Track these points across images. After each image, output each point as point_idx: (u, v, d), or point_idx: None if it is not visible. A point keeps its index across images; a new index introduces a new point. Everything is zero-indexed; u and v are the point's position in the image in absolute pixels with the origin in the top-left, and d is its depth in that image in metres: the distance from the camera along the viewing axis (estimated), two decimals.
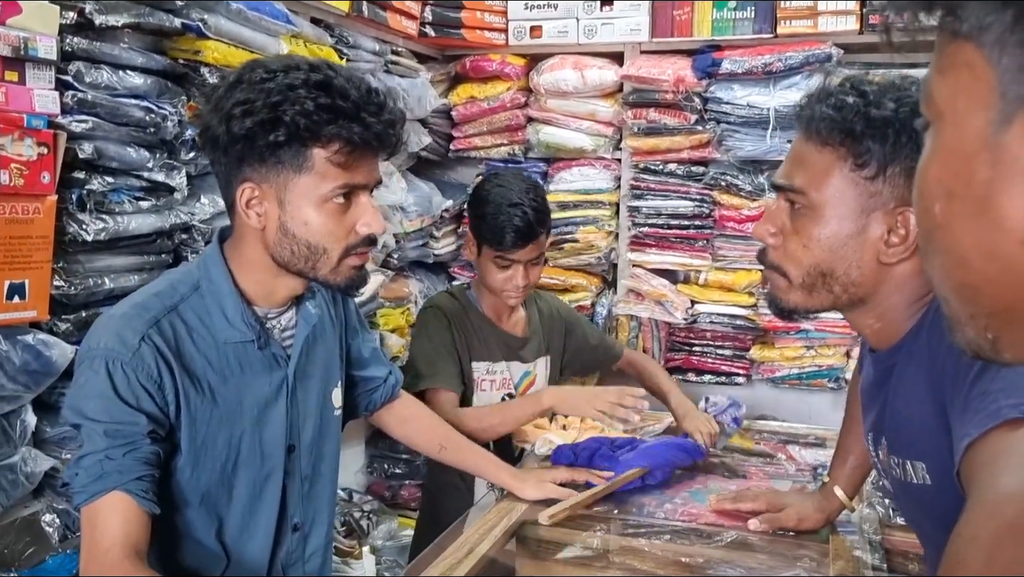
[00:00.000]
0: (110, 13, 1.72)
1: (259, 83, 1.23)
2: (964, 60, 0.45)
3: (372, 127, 1.25)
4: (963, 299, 0.49)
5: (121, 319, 1.28)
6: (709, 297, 3.14)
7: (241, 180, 1.28)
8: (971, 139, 0.45)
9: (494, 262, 2.12)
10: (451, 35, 3.25)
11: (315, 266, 1.32)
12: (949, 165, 0.47)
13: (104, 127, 1.73)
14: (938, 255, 0.49)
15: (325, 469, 1.55)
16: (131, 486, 1.22)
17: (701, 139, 3.06)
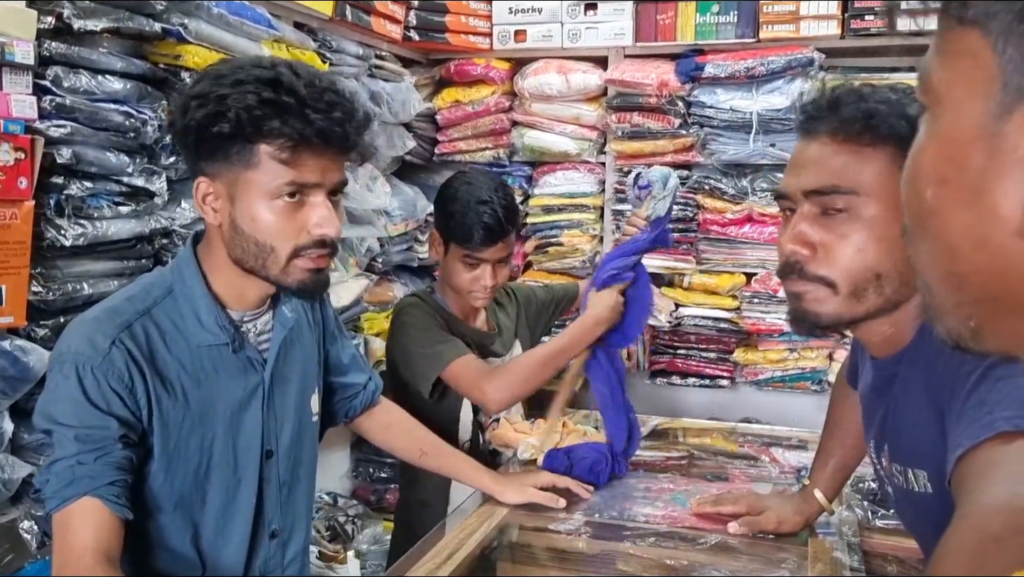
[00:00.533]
0: (88, 17, 1.71)
1: (216, 77, 1.23)
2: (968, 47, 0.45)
3: (316, 123, 1.22)
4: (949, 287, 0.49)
5: (92, 323, 1.27)
6: (693, 300, 3.15)
7: (198, 174, 1.28)
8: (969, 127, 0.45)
9: (462, 261, 2.06)
10: (435, 39, 3.26)
11: (264, 265, 1.30)
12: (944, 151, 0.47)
13: (83, 132, 1.72)
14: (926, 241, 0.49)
15: (303, 475, 1.54)
16: (103, 491, 1.20)
17: (684, 143, 3.07)
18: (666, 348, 3.24)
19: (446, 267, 2.12)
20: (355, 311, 2.83)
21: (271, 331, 1.44)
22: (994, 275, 0.45)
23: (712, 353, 3.19)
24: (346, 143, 1.29)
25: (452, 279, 2.11)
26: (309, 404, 1.55)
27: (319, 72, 1.29)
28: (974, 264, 0.46)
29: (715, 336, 3.18)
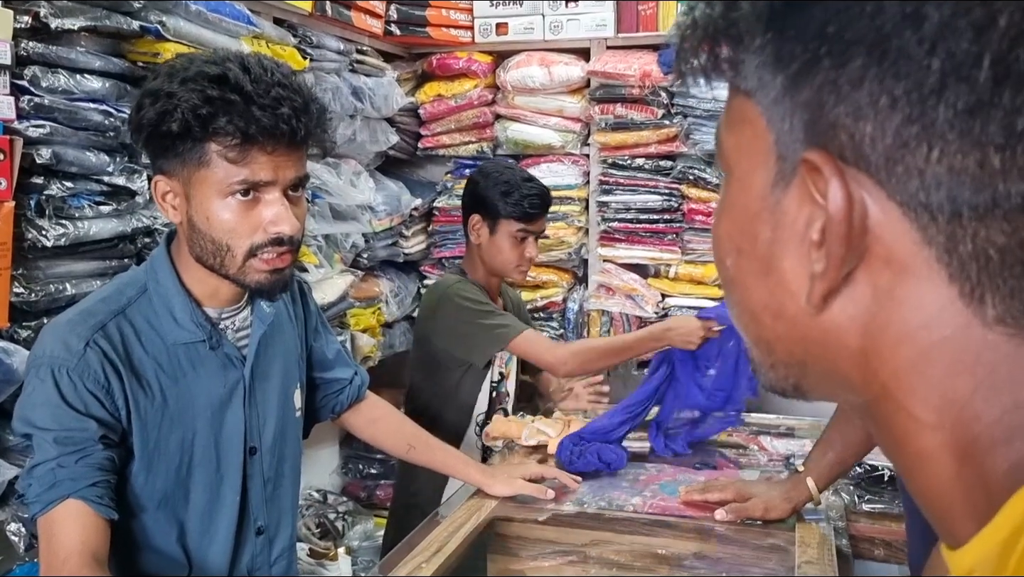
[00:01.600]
0: (65, 16, 1.70)
1: (169, 74, 1.22)
2: (747, 116, 0.44)
3: (260, 120, 1.20)
4: (761, 351, 0.48)
5: (66, 326, 1.27)
6: (679, 290, 3.16)
7: (155, 172, 1.28)
8: (754, 198, 0.44)
9: (512, 237, 2.27)
10: (417, 33, 3.25)
11: (223, 264, 1.29)
12: (736, 222, 0.46)
13: (62, 132, 1.71)
14: (735, 307, 0.49)
15: (287, 471, 1.54)
16: (86, 493, 1.20)
17: (668, 133, 3.07)
18: None
19: (492, 247, 2.31)
20: (341, 307, 2.83)
21: (250, 327, 1.44)
22: (796, 343, 0.45)
23: None
24: (296, 138, 1.26)
25: (499, 257, 2.30)
26: (292, 400, 1.54)
27: (274, 65, 1.27)
28: (776, 333, 0.46)
29: None
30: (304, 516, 3.02)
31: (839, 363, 0.43)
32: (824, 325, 0.43)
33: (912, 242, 0.39)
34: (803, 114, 0.41)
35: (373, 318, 3.07)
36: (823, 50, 0.39)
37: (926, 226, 0.38)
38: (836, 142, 0.39)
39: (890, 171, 0.38)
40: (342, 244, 2.87)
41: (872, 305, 0.41)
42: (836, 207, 0.39)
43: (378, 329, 3.12)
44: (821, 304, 0.42)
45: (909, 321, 0.40)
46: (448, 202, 3.37)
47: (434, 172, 3.56)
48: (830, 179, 0.39)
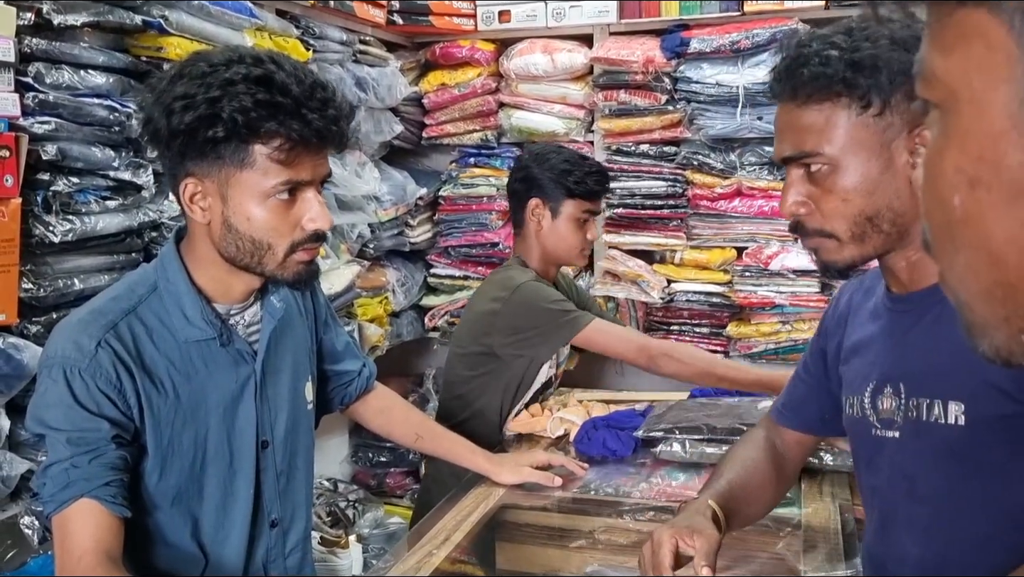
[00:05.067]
0: (68, 12, 1.71)
1: (200, 77, 1.21)
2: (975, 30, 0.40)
3: (313, 123, 1.23)
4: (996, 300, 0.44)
5: (77, 325, 1.27)
6: (685, 276, 3.16)
7: (184, 175, 1.27)
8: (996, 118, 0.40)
9: (576, 220, 2.23)
10: (419, 22, 3.24)
11: (261, 261, 1.31)
12: (970, 150, 0.42)
13: (67, 127, 1.72)
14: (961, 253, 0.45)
15: (300, 463, 1.55)
16: (99, 492, 1.21)
17: (672, 119, 3.06)
18: (659, 324, 3.25)
19: (555, 234, 2.25)
20: (348, 297, 2.84)
21: (260, 322, 1.45)
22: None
23: (705, 328, 3.20)
24: (343, 141, 1.30)
25: (563, 242, 2.25)
26: (303, 393, 1.55)
27: (300, 64, 1.29)
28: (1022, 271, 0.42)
29: (708, 311, 3.19)
30: (315, 505, 3.04)
31: None
32: None
33: None
34: None
35: (380, 308, 3.09)
36: None
37: None
38: None
39: None
40: (348, 234, 2.88)
41: None
42: None
43: (385, 319, 3.13)
44: None
45: None
46: (453, 191, 3.37)
47: (439, 161, 3.56)
48: None
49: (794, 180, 1.13)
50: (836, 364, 1.32)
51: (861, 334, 1.25)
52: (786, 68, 1.11)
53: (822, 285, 3.01)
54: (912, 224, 1.09)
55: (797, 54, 1.10)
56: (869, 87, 1.05)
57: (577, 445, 2.06)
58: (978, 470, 1.03)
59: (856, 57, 1.06)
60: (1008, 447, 1.00)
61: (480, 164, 3.35)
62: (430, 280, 3.46)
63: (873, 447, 1.18)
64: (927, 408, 1.08)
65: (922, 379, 1.10)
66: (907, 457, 1.12)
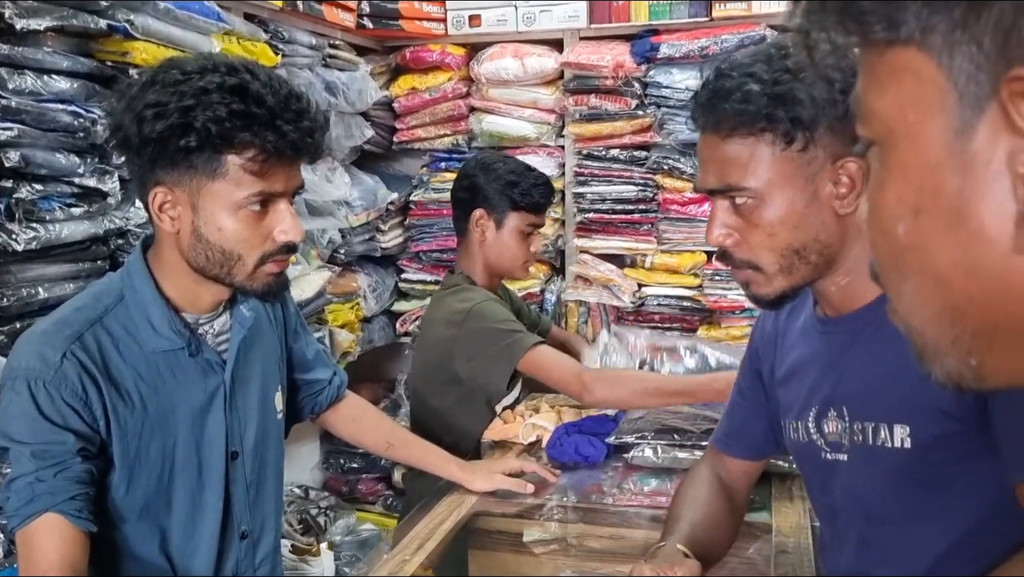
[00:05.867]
0: (31, 17, 1.68)
1: (172, 85, 1.19)
2: (907, 67, 0.42)
3: (288, 135, 1.21)
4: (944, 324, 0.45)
5: (41, 337, 1.25)
6: (656, 280, 3.17)
7: (154, 183, 1.25)
8: (931, 149, 0.42)
9: (521, 232, 2.16)
10: (389, 26, 3.23)
11: (230, 272, 1.29)
12: (911, 181, 0.44)
13: (31, 134, 1.69)
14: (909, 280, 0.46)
15: (270, 474, 1.53)
16: (64, 507, 1.20)
17: (642, 124, 3.07)
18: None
19: (499, 245, 2.18)
20: (319, 303, 2.82)
21: (229, 331, 1.43)
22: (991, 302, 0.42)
23: (676, 332, 3.21)
24: (317, 153, 1.29)
25: (506, 254, 2.18)
26: (273, 402, 1.54)
27: (275, 73, 1.27)
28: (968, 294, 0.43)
29: (678, 315, 3.20)
30: (286, 512, 3.02)
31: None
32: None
33: None
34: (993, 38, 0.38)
35: (351, 313, 3.07)
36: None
37: None
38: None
39: None
40: (319, 240, 2.86)
41: None
42: None
43: (356, 324, 3.11)
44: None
45: None
46: (424, 196, 3.36)
47: (410, 166, 3.55)
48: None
49: (719, 211, 1.12)
50: (772, 386, 1.31)
51: (795, 356, 1.24)
52: (707, 101, 1.09)
53: None
54: (839, 252, 1.09)
55: (718, 87, 1.08)
56: (792, 122, 1.04)
57: (549, 451, 2.06)
58: (930, 489, 1.04)
59: (778, 91, 1.04)
60: (956, 464, 1.01)
61: (451, 169, 3.34)
62: (401, 285, 3.45)
63: (825, 470, 1.18)
64: (873, 432, 1.08)
65: (864, 402, 1.11)
66: (859, 481, 1.13)
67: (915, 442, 1.03)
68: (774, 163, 1.06)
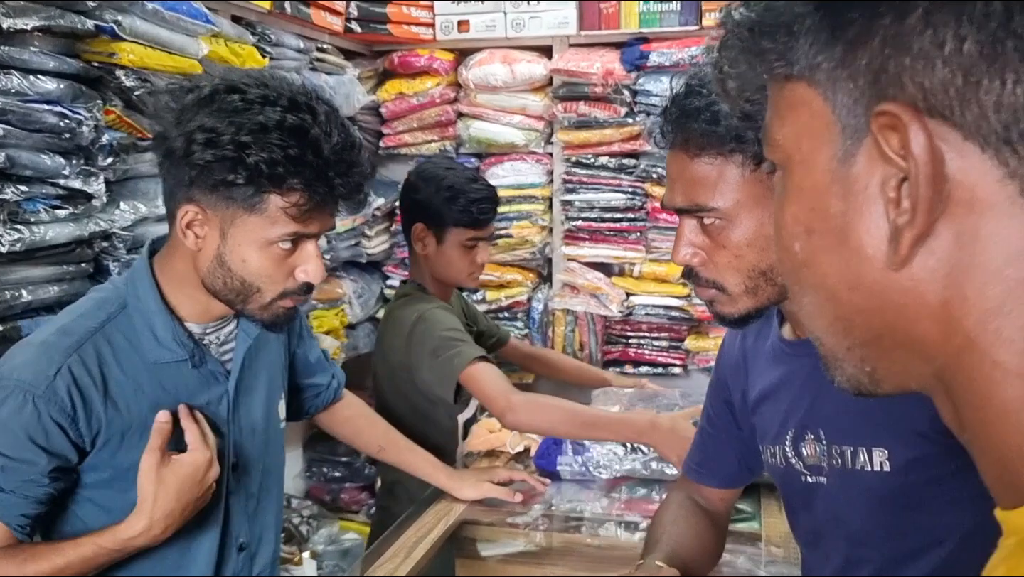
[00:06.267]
0: (18, 16, 1.65)
1: (231, 113, 1.16)
2: (800, 100, 0.47)
3: (337, 189, 1.20)
4: (837, 333, 0.49)
5: (40, 347, 1.23)
6: (644, 289, 3.16)
7: (186, 199, 1.22)
8: (820, 175, 0.46)
9: (462, 246, 2.10)
10: (377, 31, 3.22)
11: (245, 301, 1.27)
12: (804, 203, 0.48)
13: (16, 134, 1.66)
14: (807, 293, 0.50)
15: (271, 484, 1.51)
16: (13, 521, 1.20)
17: (631, 132, 3.07)
18: (618, 337, 3.25)
19: (441, 258, 2.12)
20: (304, 309, 2.79)
21: (235, 340, 1.40)
22: (874, 313, 0.46)
23: (664, 341, 3.21)
24: (360, 206, 1.28)
25: (450, 267, 2.12)
26: (276, 411, 1.52)
27: (329, 109, 1.24)
28: (854, 305, 0.47)
29: (666, 324, 3.19)
30: None
31: (919, 323, 0.44)
32: (904, 284, 0.44)
33: (994, 180, 0.40)
34: (866, 76, 0.42)
35: (336, 320, 3.04)
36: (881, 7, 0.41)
37: (1007, 160, 0.39)
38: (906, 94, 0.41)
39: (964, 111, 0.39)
40: None
41: (955, 251, 0.41)
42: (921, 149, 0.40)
43: (341, 331, 3.09)
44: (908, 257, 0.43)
45: (994, 260, 0.40)
46: None
47: (396, 171, 3.52)
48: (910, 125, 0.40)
49: (686, 230, 1.10)
50: (746, 413, 1.29)
51: (766, 381, 1.22)
52: (676, 119, 1.07)
53: None
54: None
55: (687, 105, 1.06)
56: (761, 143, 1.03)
57: (537, 461, 2.04)
58: (911, 509, 1.03)
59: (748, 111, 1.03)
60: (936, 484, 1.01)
61: None
62: (387, 292, 3.42)
63: (806, 493, 1.16)
64: (851, 455, 1.07)
65: (841, 425, 1.09)
66: (840, 504, 1.11)
67: (894, 465, 1.03)
68: (743, 184, 1.04)
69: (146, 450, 1.24)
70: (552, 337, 3.28)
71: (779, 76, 0.48)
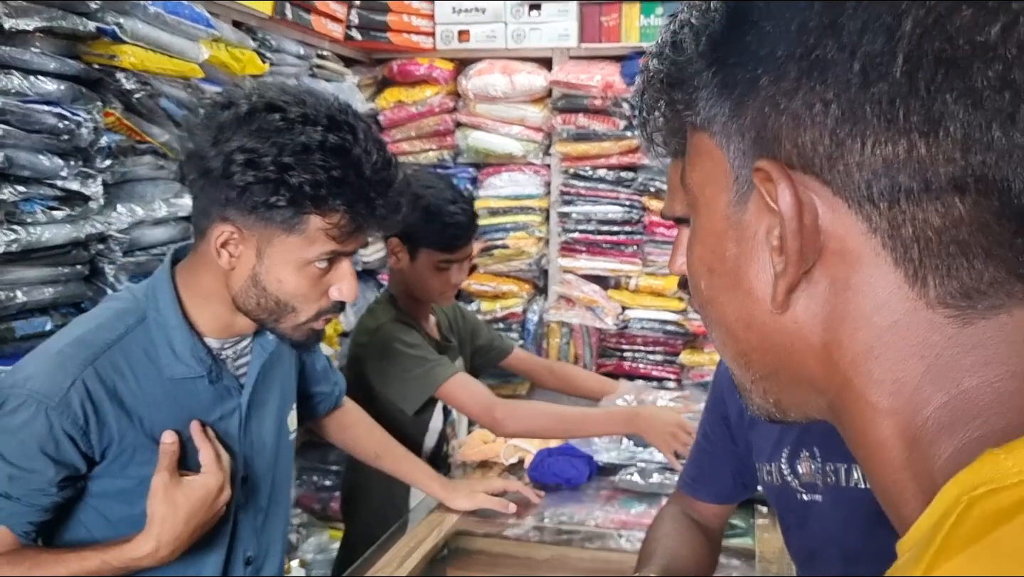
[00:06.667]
0: (20, 17, 1.64)
1: (272, 132, 1.14)
2: (704, 149, 0.49)
3: (378, 209, 1.19)
4: (741, 367, 0.51)
5: (56, 357, 1.21)
6: (639, 302, 3.17)
7: (222, 219, 1.20)
8: (719, 220, 0.48)
9: (435, 267, 2.04)
10: (378, 38, 3.22)
11: (278, 321, 1.26)
12: (707, 245, 0.50)
13: (15, 135, 1.65)
14: (713, 328, 0.53)
15: (279, 497, 1.50)
16: (18, 528, 1.20)
17: (630, 145, 3.08)
18: (613, 351, 3.25)
19: (414, 274, 2.07)
20: None
21: (250, 354, 1.39)
22: (767, 351, 0.48)
23: (659, 355, 3.21)
24: (397, 225, 1.28)
25: (421, 284, 2.07)
26: (287, 423, 1.50)
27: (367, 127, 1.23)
28: (750, 343, 0.49)
29: (662, 338, 3.19)
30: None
31: (806, 362, 0.47)
32: (789, 326, 0.46)
33: (860, 233, 0.42)
34: (751, 132, 0.45)
35: (330, 327, 3.03)
36: (760, 71, 0.43)
37: (869, 215, 0.41)
38: (783, 151, 0.43)
39: (832, 169, 0.42)
40: None
41: (831, 298, 0.44)
42: (786, 204, 0.43)
43: (335, 339, 3.08)
44: (785, 302, 0.45)
45: (863, 307, 0.43)
46: None
47: None
48: (779, 182, 0.43)
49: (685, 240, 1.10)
50: (742, 429, 1.28)
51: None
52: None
53: None
54: None
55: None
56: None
57: (531, 473, 2.04)
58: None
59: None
60: None
61: None
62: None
63: (802, 511, 1.16)
64: (845, 473, 1.08)
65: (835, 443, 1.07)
66: (835, 522, 1.11)
67: None
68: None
69: (156, 471, 1.22)
70: (547, 349, 3.27)
71: (689, 125, 0.50)
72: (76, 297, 1.85)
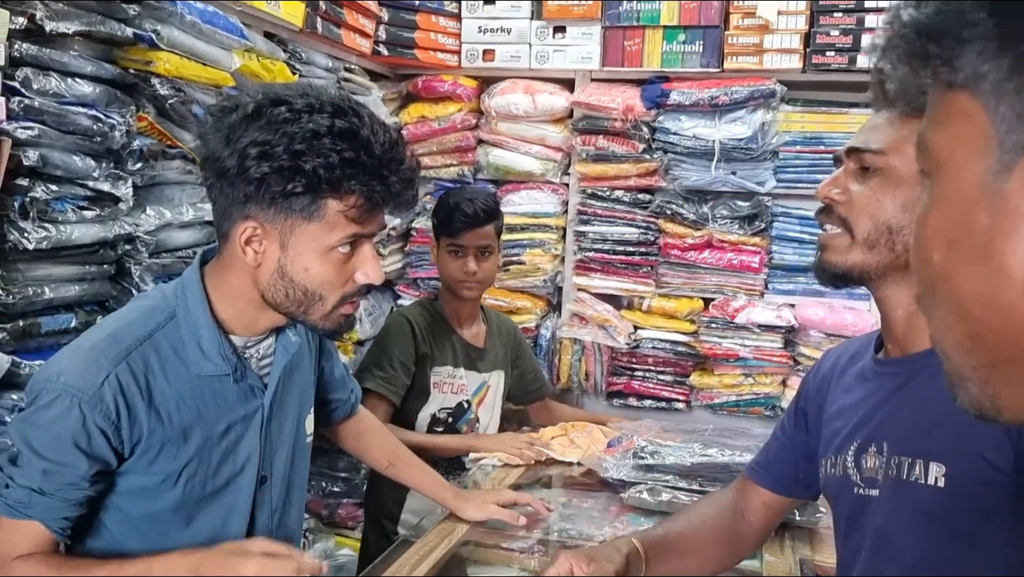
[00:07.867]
0: (61, 20, 1.69)
1: (281, 124, 1.18)
2: (961, 110, 0.45)
3: (393, 186, 1.22)
4: (965, 351, 0.48)
5: (89, 352, 1.24)
6: (652, 323, 3.18)
7: (243, 217, 1.23)
8: (970, 187, 0.45)
9: (448, 252, 2.31)
10: (404, 55, 3.27)
11: (308, 311, 1.29)
12: (949, 214, 0.47)
13: (50, 135, 1.69)
14: (939, 306, 0.49)
15: (295, 498, 1.52)
16: (53, 523, 1.22)
17: (648, 167, 3.11)
18: (623, 369, 3.27)
19: (439, 263, 2.37)
20: None
21: (273, 355, 1.42)
22: (1008, 335, 0.45)
23: (669, 376, 3.22)
24: (413, 202, 1.31)
25: (442, 271, 2.36)
26: (304, 425, 1.53)
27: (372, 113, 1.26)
28: (987, 325, 0.45)
29: (672, 359, 3.21)
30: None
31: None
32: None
33: None
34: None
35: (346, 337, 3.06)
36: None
37: None
38: None
39: None
40: None
41: None
42: None
43: (351, 347, 3.11)
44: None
45: None
46: (426, 223, 3.35)
47: None
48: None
49: (844, 172, 1.17)
50: (818, 426, 1.32)
51: (847, 398, 1.25)
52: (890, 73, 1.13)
53: (785, 341, 3.05)
54: None
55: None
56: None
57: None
58: (953, 535, 1.04)
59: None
60: (984, 515, 1.01)
61: None
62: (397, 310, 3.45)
63: (856, 506, 1.18)
64: (908, 467, 1.08)
65: (906, 438, 1.10)
66: (887, 517, 1.12)
67: (949, 483, 1.03)
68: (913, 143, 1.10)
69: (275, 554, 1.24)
70: (558, 365, 3.29)
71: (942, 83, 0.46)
72: (101, 296, 1.89)
